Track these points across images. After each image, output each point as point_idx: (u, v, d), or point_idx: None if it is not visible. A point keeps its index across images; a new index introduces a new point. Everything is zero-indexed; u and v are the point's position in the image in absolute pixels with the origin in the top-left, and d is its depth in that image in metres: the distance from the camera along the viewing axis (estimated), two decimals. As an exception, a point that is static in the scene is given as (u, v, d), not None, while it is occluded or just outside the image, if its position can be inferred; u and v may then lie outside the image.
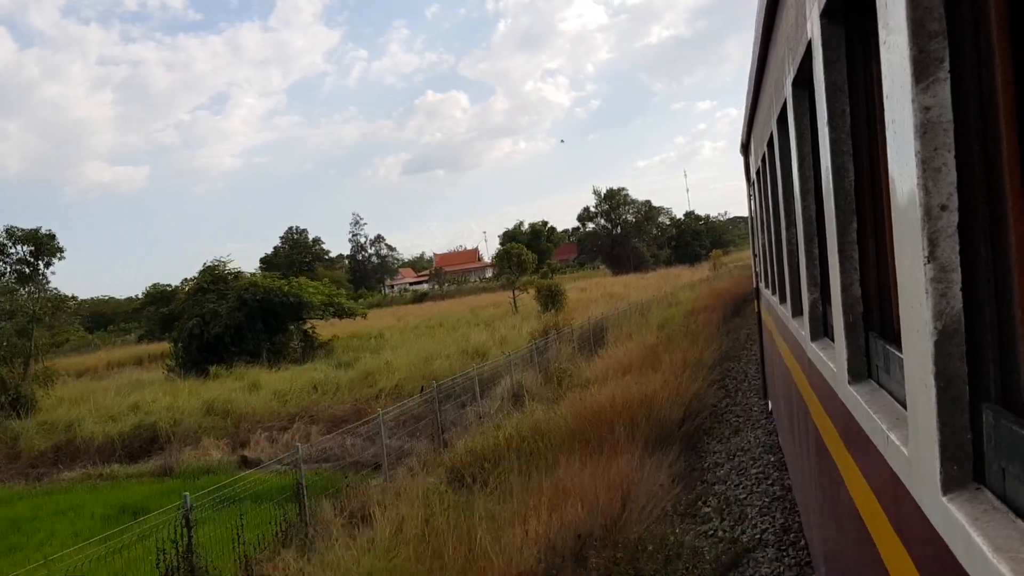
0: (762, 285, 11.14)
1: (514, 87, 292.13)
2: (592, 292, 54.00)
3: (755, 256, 12.44)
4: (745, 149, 11.42)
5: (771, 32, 5.08)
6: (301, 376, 27.20)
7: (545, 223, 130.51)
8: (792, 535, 7.87)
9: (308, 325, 37.54)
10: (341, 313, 37.94)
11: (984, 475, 1.55)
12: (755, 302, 14.17)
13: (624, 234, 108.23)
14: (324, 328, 39.57)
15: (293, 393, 24.24)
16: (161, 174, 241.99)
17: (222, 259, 38.65)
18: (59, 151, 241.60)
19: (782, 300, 6.78)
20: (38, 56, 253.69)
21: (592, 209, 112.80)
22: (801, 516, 7.12)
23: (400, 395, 21.17)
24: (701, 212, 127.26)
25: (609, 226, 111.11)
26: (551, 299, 39.20)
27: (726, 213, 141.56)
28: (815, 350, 4.03)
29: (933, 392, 1.59)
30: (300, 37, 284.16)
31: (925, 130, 1.55)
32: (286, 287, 35.04)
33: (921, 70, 1.56)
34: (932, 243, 1.55)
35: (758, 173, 8.79)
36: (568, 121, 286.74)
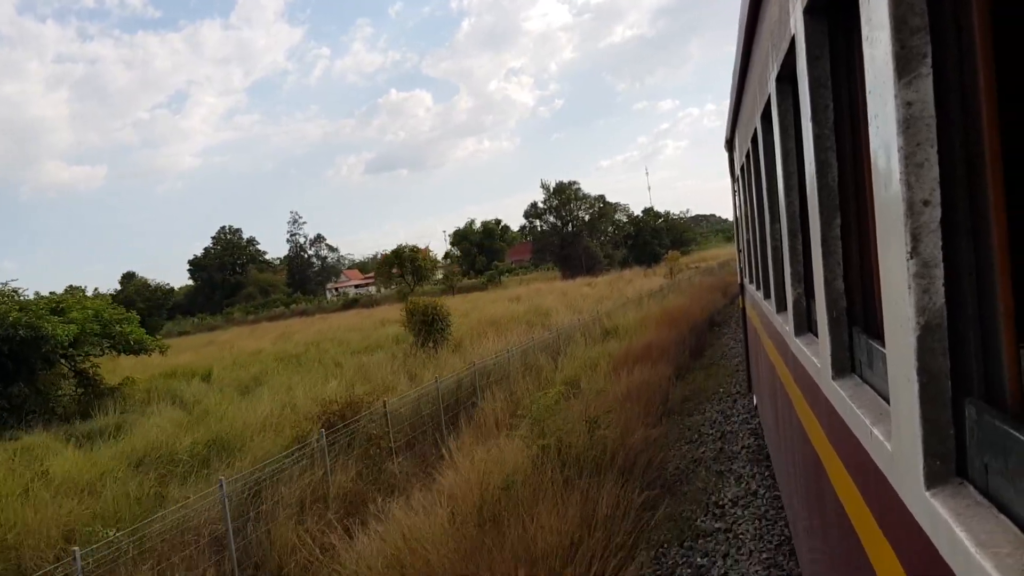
0: (746, 280, 11.19)
1: (478, 86, 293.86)
2: (520, 306, 42.10)
3: (740, 251, 12.50)
4: (729, 145, 11.45)
5: (755, 28, 5.09)
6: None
7: (499, 221, 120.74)
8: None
9: (89, 364, 25.39)
10: (126, 347, 26.48)
11: (967, 470, 1.55)
12: (739, 299, 14.20)
13: (575, 233, 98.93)
14: (150, 365, 28.49)
15: None
16: (120, 173, 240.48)
17: None
18: (17, 149, 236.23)
19: (766, 295, 6.80)
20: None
21: (541, 205, 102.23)
22: (786, 510, 7.16)
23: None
24: (661, 209, 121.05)
25: (559, 224, 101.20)
26: (427, 327, 26.75)
27: (688, 211, 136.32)
28: (799, 345, 4.04)
29: (916, 387, 1.60)
30: (262, 35, 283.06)
31: (908, 125, 1.55)
32: (15, 314, 22.89)
33: (903, 65, 1.56)
34: (915, 238, 1.55)
35: (742, 169, 8.81)
36: (532, 120, 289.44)
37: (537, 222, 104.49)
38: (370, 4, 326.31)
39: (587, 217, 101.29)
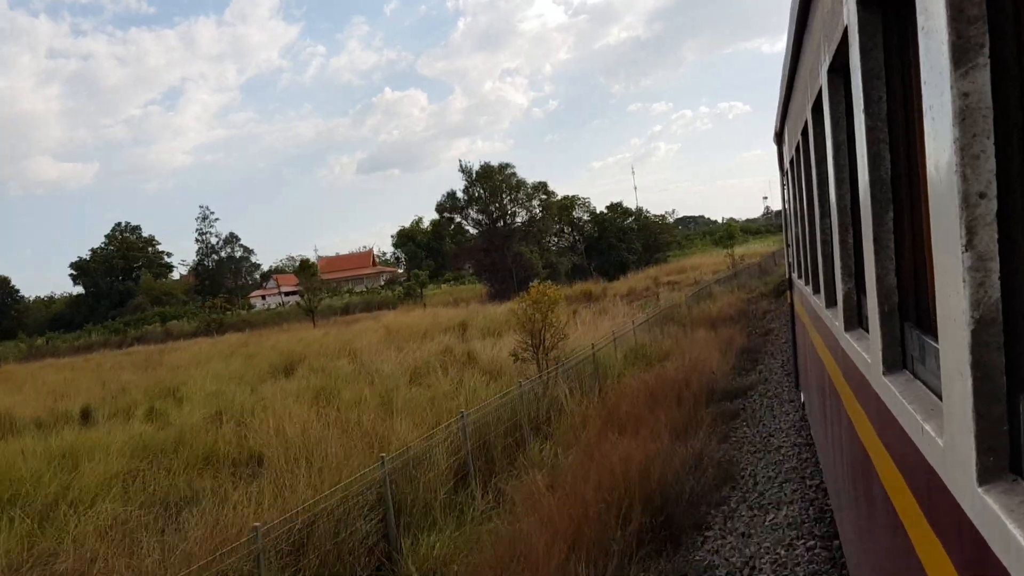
0: (795, 275, 11.05)
1: (473, 86, 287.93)
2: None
3: (788, 246, 12.35)
4: (779, 138, 11.29)
5: (806, 19, 5.02)
6: None
7: (450, 219, 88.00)
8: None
9: None
10: None
11: (1021, 466, 1.54)
12: (787, 292, 13.99)
13: (507, 234, 71.20)
14: None
15: None
16: (110, 171, 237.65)
17: None
18: (3, 145, 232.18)
19: (815, 291, 6.71)
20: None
21: (460, 196, 73.05)
22: (832, 506, 7.08)
23: None
24: (646, 209, 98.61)
25: (486, 221, 72.68)
26: None
27: (674, 211, 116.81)
28: (849, 341, 4.00)
29: (969, 382, 1.58)
30: (256, 32, 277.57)
31: (964, 116, 1.53)
32: None
33: (960, 56, 1.54)
34: (970, 231, 1.53)
35: (792, 162, 8.69)
36: (526, 121, 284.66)
37: (456, 218, 76.23)
38: (366, 2, 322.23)
39: (525, 213, 73.91)
